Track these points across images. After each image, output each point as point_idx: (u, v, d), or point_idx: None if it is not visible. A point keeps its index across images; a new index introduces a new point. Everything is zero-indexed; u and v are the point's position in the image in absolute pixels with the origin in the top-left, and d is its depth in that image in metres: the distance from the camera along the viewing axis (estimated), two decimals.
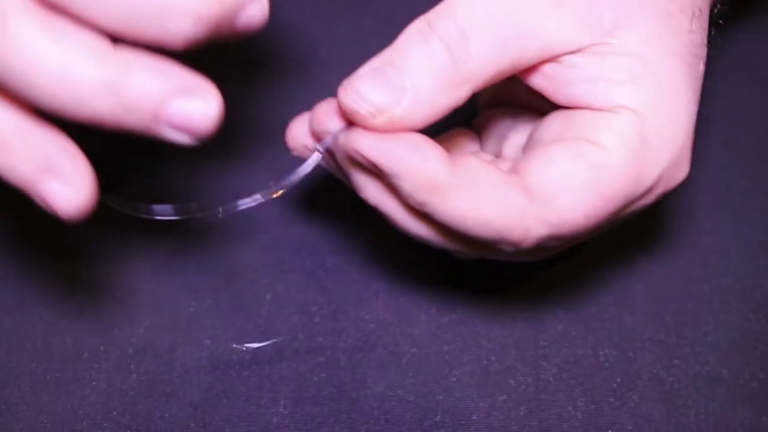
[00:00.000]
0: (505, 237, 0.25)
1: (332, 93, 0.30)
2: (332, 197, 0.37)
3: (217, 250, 0.36)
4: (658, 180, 0.26)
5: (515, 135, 0.30)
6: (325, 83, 0.39)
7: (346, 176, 0.28)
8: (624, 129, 0.25)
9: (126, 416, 0.32)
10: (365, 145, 0.25)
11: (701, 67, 0.27)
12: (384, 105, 0.25)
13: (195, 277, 0.36)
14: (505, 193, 0.25)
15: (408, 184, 0.25)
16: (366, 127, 0.25)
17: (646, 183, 0.26)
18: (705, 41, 0.28)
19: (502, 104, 0.32)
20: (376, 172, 0.25)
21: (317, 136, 0.27)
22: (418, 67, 0.25)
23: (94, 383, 0.33)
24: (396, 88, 0.25)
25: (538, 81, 0.27)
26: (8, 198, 0.36)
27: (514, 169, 0.26)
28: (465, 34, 0.25)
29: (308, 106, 0.29)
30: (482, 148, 0.32)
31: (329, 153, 0.27)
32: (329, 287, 0.36)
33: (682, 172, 0.27)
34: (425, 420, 0.32)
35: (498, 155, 0.31)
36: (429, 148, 0.25)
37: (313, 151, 0.28)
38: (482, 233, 0.25)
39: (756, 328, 0.34)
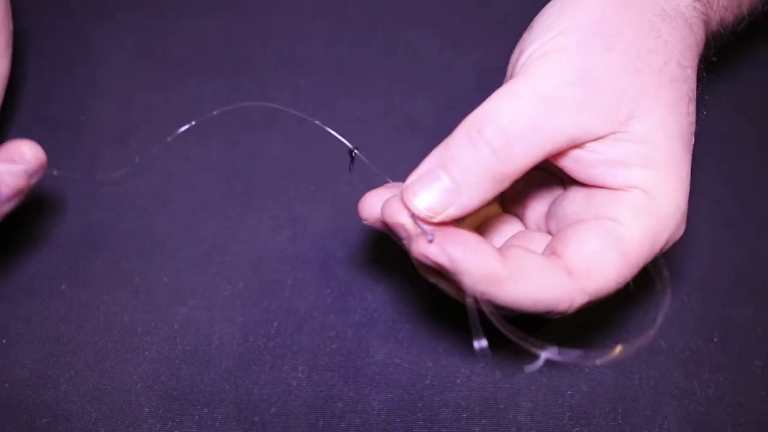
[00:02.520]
0: (553, 309, 0.25)
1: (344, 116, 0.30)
2: (340, 203, 0.38)
3: (248, 245, 0.36)
4: (667, 242, 0.26)
5: (534, 203, 0.30)
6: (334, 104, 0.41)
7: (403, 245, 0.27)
8: (638, 206, 0.25)
9: (172, 380, 0.33)
10: (431, 251, 0.24)
11: (692, 139, 0.27)
12: (441, 207, 0.25)
13: (229, 266, 0.36)
14: (550, 276, 0.25)
15: (469, 279, 0.24)
16: (426, 222, 0.25)
17: (659, 246, 0.26)
18: (695, 117, 0.28)
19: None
20: (439, 270, 0.25)
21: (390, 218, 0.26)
22: (469, 169, 0.25)
23: (146, 353, 0.34)
24: (450, 192, 0.25)
25: (564, 162, 0.27)
26: (75, 202, 0.37)
27: (552, 251, 0.26)
28: (509, 139, 0.24)
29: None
30: (504, 208, 0.32)
31: (389, 229, 0.27)
32: (339, 274, 0.36)
33: (681, 230, 0.27)
34: (417, 383, 0.33)
35: (520, 217, 0.31)
36: (485, 247, 0.24)
37: (378, 222, 0.27)
38: (534, 309, 0.25)
39: (688, 308, 0.35)
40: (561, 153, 0.26)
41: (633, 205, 0.26)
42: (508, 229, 0.31)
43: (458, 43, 0.42)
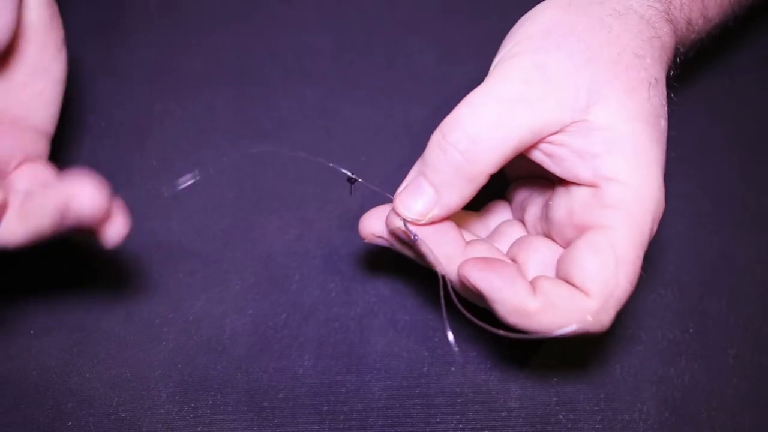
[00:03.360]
0: (586, 332, 0.25)
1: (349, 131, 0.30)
2: (343, 204, 0.38)
3: (258, 243, 0.37)
4: (653, 223, 0.26)
5: (531, 207, 0.31)
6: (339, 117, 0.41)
7: (408, 250, 0.29)
8: (615, 203, 0.25)
9: (188, 368, 0.33)
10: (473, 276, 0.25)
11: (663, 122, 0.27)
12: (425, 210, 0.26)
13: (240, 262, 0.36)
14: (576, 303, 0.25)
15: (502, 308, 0.25)
16: (418, 225, 0.27)
17: (647, 230, 0.26)
18: (664, 102, 0.27)
19: (524, 176, 0.32)
20: (475, 292, 0.26)
21: (391, 229, 0.28)
22: (442, 172, 0.26)
23: (164, 343, 0.34)
24: (430, 195, 0.26)
25: (537, 157, 0.27)
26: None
27: (565, 279, 0.26)
28: (473, 140, 0.25)
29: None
30: (512, 213, 0.33)
31: (394, 236, 0.29)
32: (342, 270, 0.36)
33: (663, 205, 0.26)
34: (415, 371, 0.34)
35: (521, 220, 0.31)
36: (521, 282, 0.25)
37: (380, 238, 0.29)
38: (567, 335, 0.25)
39: (665, 301, 0.35)
40: (532, 147, 0.27)
41: (610, 204, 0.25)
42: (512, 231, 0.31)
43: (453, 54, 0.43)
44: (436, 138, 0.26)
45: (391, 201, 0.29)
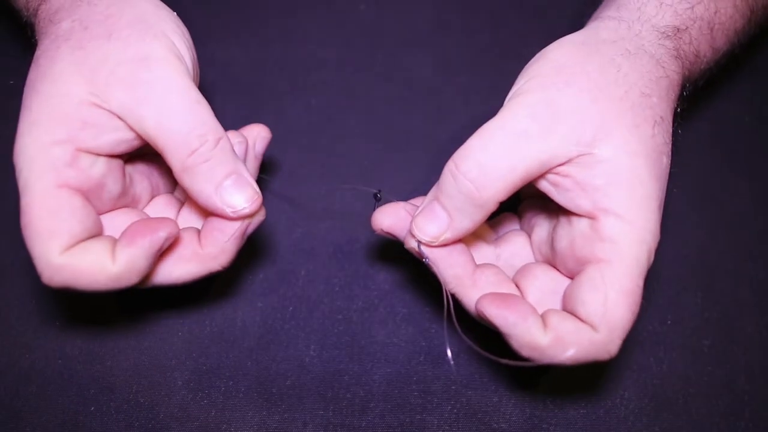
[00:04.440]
0: (596, 361, 0.25)
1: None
2: (346, 205, 0.38)
3: (267, 240, 0.37)
4: (649, 252, 0.26)
5: (538, 229, 0.31)
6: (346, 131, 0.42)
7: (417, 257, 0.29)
8: (611, 234, 0.25)
9: (202, 357, 0.34)
10: (489, 312, 0.26)
11: (665, 160, 0.27)
12: (438, 233, 0.27)
13: (251, 258, 0.36)
14: (584, 336, 0.25)
15: (516, 342, 0.26)
16: (431, 246, 0.28)
17: (644, 259, 0.26)
18: (668, 140, 0.27)
19: (535, 195, 0.32)
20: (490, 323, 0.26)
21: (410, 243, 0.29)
22: (454, 199, 0.26)
23: (180, 333, 0.34)
24: (443, 220, 0.27)
25: (544, 186, 0.27)
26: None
27: (572, 313, 0.26)
28: (483, 170, 0.25)
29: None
30: (520, 226, 0.33)
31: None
32: (346, 266, 0.36)
33: (658, 236, 0.26)
34: (413, 359, 0.34)
35: (530, 234, 0.32)
36: (533, 319, 0.25)
37: (388, 234, 0.30)
38: (577, 364, 0.26)
39: (645, 295, 0.31)
40: (540, 177, 0.27)
41: (607, 236, 0.25)
42: (516, 239, 0.32)
43: (448, 67, 0.43)
44: (449, 167, 0.27)
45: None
